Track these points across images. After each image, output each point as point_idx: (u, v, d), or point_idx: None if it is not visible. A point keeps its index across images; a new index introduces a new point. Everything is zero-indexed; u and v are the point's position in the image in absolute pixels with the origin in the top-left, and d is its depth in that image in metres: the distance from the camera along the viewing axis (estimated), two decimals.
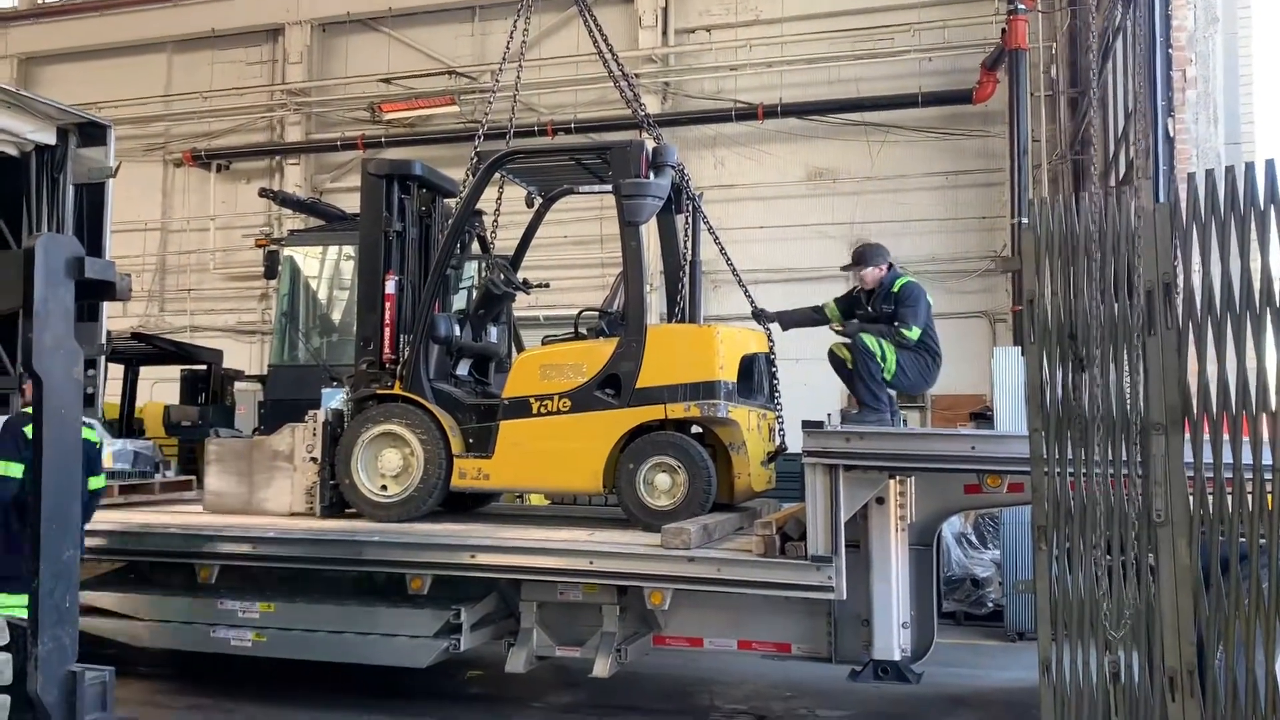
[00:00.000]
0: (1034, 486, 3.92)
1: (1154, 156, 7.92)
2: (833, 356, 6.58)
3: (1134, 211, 3.75)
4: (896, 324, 6.36)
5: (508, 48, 7.66)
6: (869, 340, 6.27)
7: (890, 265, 6.74)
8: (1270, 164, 3.73)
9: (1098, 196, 3.90)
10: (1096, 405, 3.81)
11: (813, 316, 6.87)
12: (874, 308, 6.63)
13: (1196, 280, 3.70)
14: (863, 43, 14.57)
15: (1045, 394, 3.91)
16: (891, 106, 14.17)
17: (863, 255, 6.76)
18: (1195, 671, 3.69)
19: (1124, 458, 3.79)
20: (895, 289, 6.52)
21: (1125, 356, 3.78)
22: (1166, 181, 7.52)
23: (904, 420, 8.02)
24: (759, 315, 6.81)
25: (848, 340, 6.44)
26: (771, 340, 6.60)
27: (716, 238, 7.16)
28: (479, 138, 7.37)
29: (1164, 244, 3.73)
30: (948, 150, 14.46)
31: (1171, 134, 7.55)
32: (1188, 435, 3.75)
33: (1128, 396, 3.78)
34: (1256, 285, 3.68)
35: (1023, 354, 8.11)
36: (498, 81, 7.75)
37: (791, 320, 6.90)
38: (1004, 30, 12.97)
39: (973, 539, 9.53)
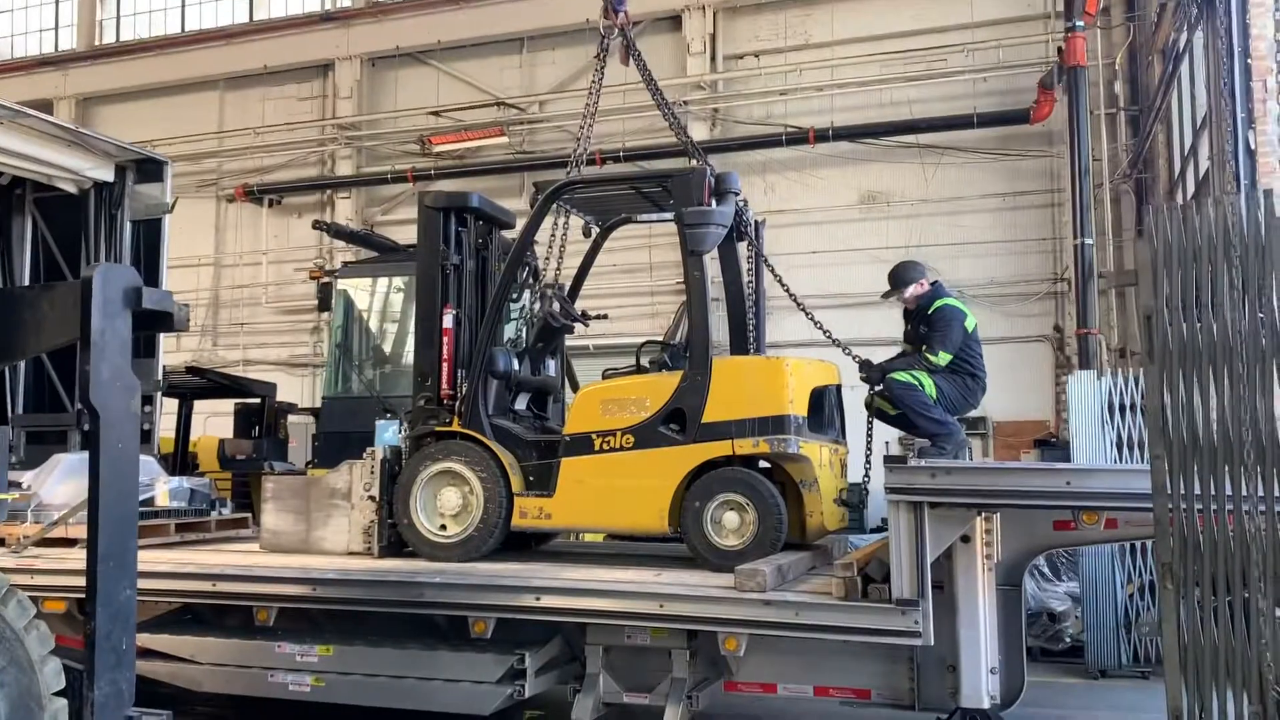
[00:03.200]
0: (1157, 520, 3.62)
1: (1234, 170, 7.60)
2: (874, 410, 6.39)
3: (1264, 217, 3.45)
4: (924, 348, 6.20)
5: (591, 90, 7.46)
6: (899, 375, 6.12)
7: (935, 283, 6.55)
8: None
9: (1222, 201, 3.62)
10: (1227, 431, 3.50)
11: (885, 366, 6.56)
12: (913, 327, 6.46)
13: None
14: (915, 64, 14.35)
15: (1167, 418, 3.61)
16: (946, 128, 13.92)
17: (897, 276, 6.59)
18: None
19: (1260, 489, 3.48)
20: (931, 311, 6.34)
21: (1259, 377, 3.47)
22: (1248, 195, 7.20)
23: (969, 449, 7.78)
24: (866, 366, 6.43)
25: (879, 389, 6.26)
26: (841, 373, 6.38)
27: (773, 269, 6.86)
28: (576, 164, 7.13)
29: None
30: (1004, 171, 14.16)
31: (1253, 146, 7.23)
32: None
33: (1262, 421, 3.47)
34: None
35: (1139, 375, 7.77)
36: (589, 119, 7.46)
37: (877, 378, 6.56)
38: (1060, 49, 12.70)
39: (1046, 571, 9.15)
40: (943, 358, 6.16)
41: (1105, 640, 8.00)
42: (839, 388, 6.34)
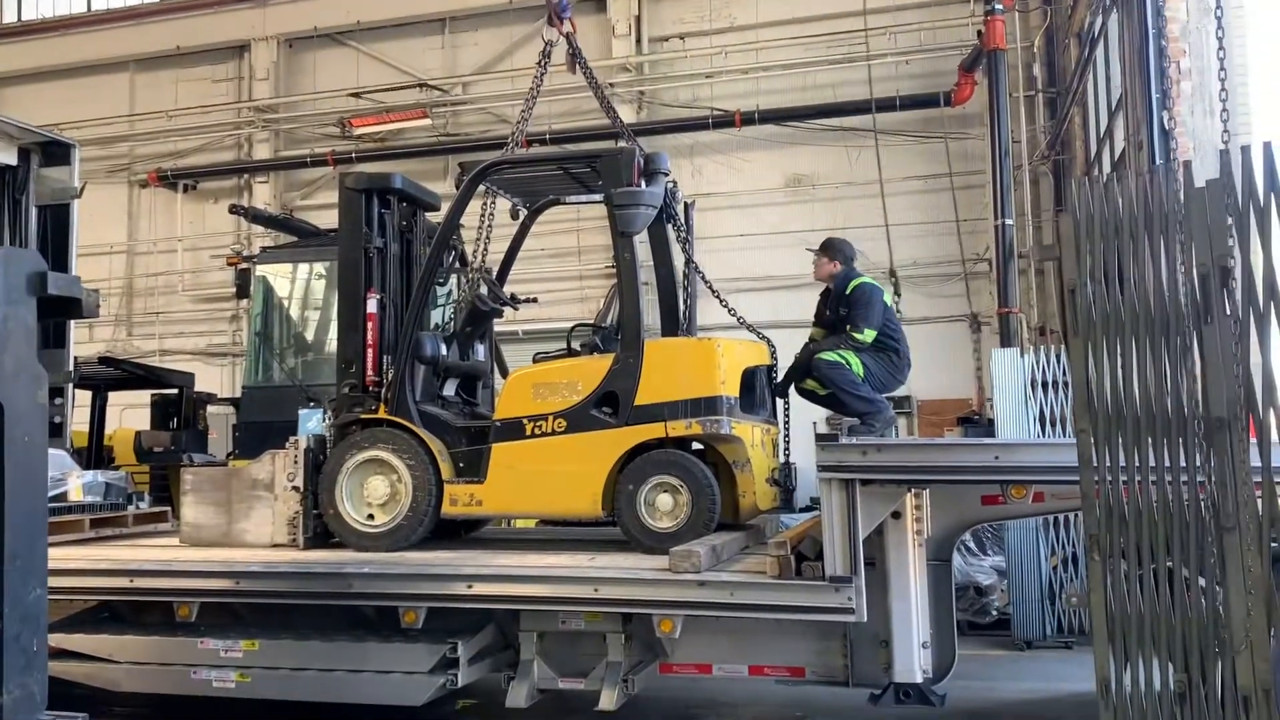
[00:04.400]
0: (1083, 493, 3.67)
1: (1149, 150, 7.78)
2: (803, 392, 6.47)
3: (1182, 190, 3.50)
4: (849, 328, 6.30)
5: (529, 97, 7.31)
6: (827, 355, 6.22)
7: (849, 265, 6.70)
8: None
9: (1143, 175, 3.66)
10: (1150, 402, 3.55)
11: (811, 349, 6.67)
12: (831, 310, 6.57)
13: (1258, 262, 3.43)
14: (838, 47, 14.44)
15: (1092, 392, 3.65)
16: (869, 111, 14.04)
17: (826, 245, 6.81)
18: (1271, 691, 3.41)
19: (1182, 460, 3.54)
20: (849, 291, 6.46)
21: (1179, 348, 3.52)
22: (1167, 167, 7.39)
23: (896, 427, 7.92)
24: (781, 387, 6.53)
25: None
26: (774, 352, 6.40)
27: (689, 252, 6.78)
28: (511, 150, 7.02)
29: (1218, 224, 3.48)
30: (926, 154, 14.34)
31: (1168, 126, 7.41)
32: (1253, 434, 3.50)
33: (1184, 392, 3.52)
34: None
35: (1060, 352, 7.96)
36: (524, 119, 7.30)
37: (803, 368, 6.65)
38: (980, 31, 12.88)
39: (972, 546, 9.32)
40: (868, 335, 6.30)
41: (1030, 612, 8.19)
42: (770, 368, 6.36)
